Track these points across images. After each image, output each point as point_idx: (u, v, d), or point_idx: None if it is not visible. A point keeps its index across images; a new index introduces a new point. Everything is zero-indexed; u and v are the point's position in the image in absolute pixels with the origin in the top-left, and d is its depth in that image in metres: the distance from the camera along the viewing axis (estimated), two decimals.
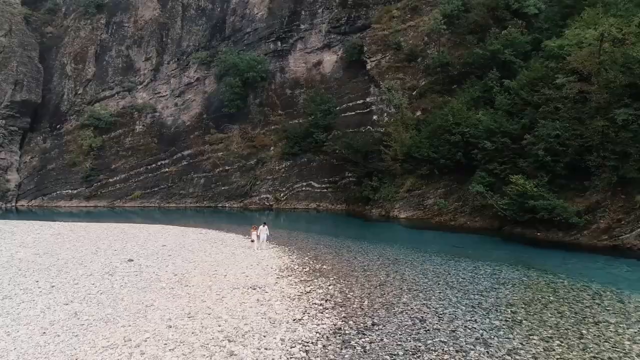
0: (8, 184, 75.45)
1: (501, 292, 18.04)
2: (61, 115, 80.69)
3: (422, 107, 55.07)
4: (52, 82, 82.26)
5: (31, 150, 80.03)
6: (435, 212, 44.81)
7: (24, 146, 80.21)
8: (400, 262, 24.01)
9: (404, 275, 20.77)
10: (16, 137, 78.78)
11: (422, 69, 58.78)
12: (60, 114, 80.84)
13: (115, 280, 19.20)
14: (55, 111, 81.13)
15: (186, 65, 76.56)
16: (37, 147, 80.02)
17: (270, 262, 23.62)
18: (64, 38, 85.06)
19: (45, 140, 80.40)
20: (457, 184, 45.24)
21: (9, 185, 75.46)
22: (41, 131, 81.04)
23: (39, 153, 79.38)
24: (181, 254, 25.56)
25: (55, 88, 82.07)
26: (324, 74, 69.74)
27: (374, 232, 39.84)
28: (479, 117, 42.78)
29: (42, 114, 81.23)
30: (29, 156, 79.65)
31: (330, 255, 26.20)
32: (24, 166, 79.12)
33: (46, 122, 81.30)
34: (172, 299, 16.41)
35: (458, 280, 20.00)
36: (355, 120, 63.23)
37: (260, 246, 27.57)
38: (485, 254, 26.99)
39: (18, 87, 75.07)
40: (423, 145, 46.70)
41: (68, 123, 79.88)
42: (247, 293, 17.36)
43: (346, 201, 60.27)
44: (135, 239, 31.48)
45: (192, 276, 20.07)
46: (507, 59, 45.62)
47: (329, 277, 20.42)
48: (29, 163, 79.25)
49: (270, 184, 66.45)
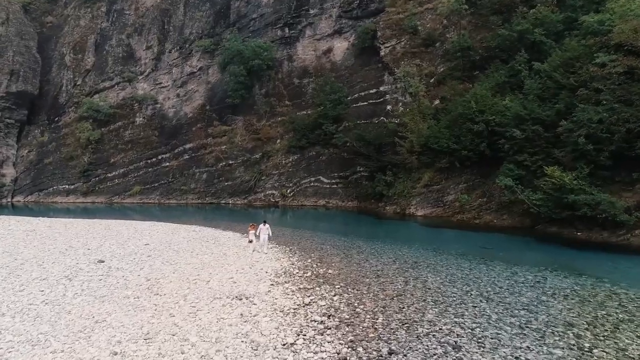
0: (3, 179, 73.22)
1: (552, 305, 14.39)
2: (59, 107, 78.34)
3: (441, 95, 51.17)
4: (50, 73, 79.99)
5: (29, 143, 77.76)
6: (456, 209, 41.04)
7: (21, 139, 78.03)
8: (420, 266, 20.41)
9: (427, 283, 17.20)
10: (13, 130, 76.56)
11: (440, 55, 54.97)
12: (58, 106, 78.50)
13: (73, 286, 15.92)
14: (54, 103, 78.80)
15: (189, 54, 73.43)
16: (34, 141, 77.72)
17: (265, 265, 20.18)
18: (63, 27, 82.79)
19: (43, 134, 78.06)
20: (480, 178, 41.42)
21: (4, 180, 73.19)
22: (39, 124, 78.81)
23: (36, 147, 77.06)
24: (163, 255, 22.25)
25: (54, 79, 79.79)
26: (334, 62, 66.08)
27: (388, 231, 36.22)
28: (506, 104, 38.97)
29: (40, 106, 78.98)
30: (27, 150, 77.39)
31: (337, 257, 22.69)
32: (21, 160, 76.88)
33: (44, 115, 79.05)
34: (132, 312, 13.06)
35: (494, 289, 16.38)
36: (368, 110, 59.52)
37: (259, 248, 23.73)
38: (520, 257, 23.27)
39: (14, 77, 72.75)
40: (442, 136, 42.93)
41: (66, 115, 77.44)
42: (229, 305, 13.95)
43: (357, 198, 56.62)
44: (117, 237, 28.29)
45: (168, 282, 16.72)
46: (536, 40, 41.72)
47: (335, 284, 16.94)
48: (26, 157, 76.98)
49: (276, 180, 63.00)
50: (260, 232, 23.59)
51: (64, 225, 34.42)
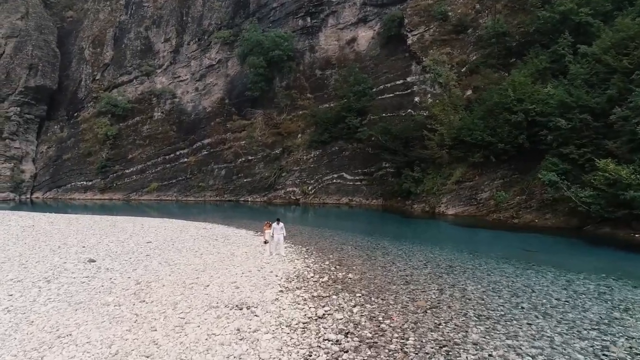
0: (22, 175, 73.17)
1: (631, 325, 11.54)
2: (78, 102, 78.06)
3: (473, 85, 47.97)
4: (70, 68, 79.80)
5: (48, 139, 77.75)
6: (491, 207, 37.88)
7: (41, 135, 78.06)
8: (456, 272, 17.70)
9: (466, 292, 14.51)
10: (33, 125, 76.59)
11: (472, 42, 51.72)
12: (77, 101, 78.22)
13: (48, 289, 13.88)
14: (73, 98, 78.57)
15: (207, 46, 71.83)
16: (54, 137, 77.71)
17: (276, 268, 17.79)
18: (83, 22, 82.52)
19: (62, 129, 77.98)
20: (518, 174, 38.18)
21: (23, 176, 73.15)
22: (58, 119, 78.74)
23: (55, 142, 77.00)
24: (163, 254, 20.13)
25: (74, 74, 79.54)
26: (358, 52, 63.39)
27: (417, 231, 33.40)
28: (548, 91, 35.66)
29: (60, 101, 78.87)
30: (46, 146, 77.39)
31: (359, 259, 20.14)
32: (41, 156, 76.94)
33: (63, 110, 78.91)
34: (106, 324, 10.86)
35: (550, 301, 13.58)
36: (394, 102, 56.61)
37: (275, 250, 20.91)
38: (572, 261, 20.29)
39: (32, 72, 72.54)
40: (476, 128, 39.88)
41: (85, 111, 77.07)
42: (226, 316, 11.62)
43: (383, 195, 53.80)
44: (119, 234, 26.43)
45: (160, 286, 14.51)
46: (582, 20, 38.20)
47: (355, 292, 14.41)
48: (46, 153, 76.99)
49: (297, 176, 60.66)
50: (274, 231, 20.86)
51: (68, 221, 32.88)
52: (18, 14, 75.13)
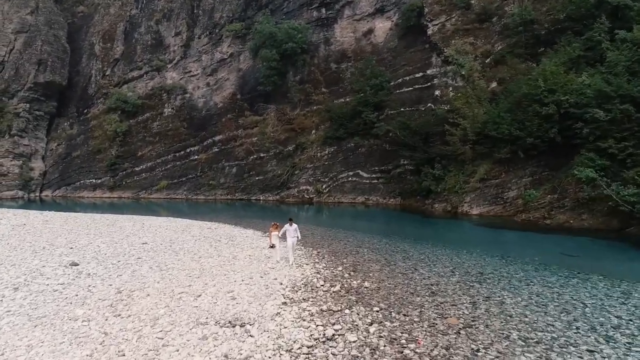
0: (32, 173, 72.51)
1: None
2: (88, 99, 77.30)
3: (499, 76, 45.35)
4: (80, 64, 79.19)
5: (58, 136, 77.16)
6: (519, 207, 35.29)
7: (51, 132, 77.49)
8: (490, 280, 15.44)
9: (505, 307, 12.27)
10: (42, 122, 76.04)
11: (497, 31, 48.99)
12: (87, 97, 77.49)
13: (12, 299, 12.03)
14: (83, 95, 77.87)
15: (219, 40, 70.19)
16: (63, 134, 77.08)
17: (281, 274, 15.75)
18: (94, 17, 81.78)
19: (72, 126, 77.29)
20: (548, 170, 35.52)
21: (32, 173, 72.49)
22: (69, 116, 78.14)
23: (65, 140, 76.35)
24: (157, 257, 18.25)
25: (84, 70, 78.88)
26: (375, 44, 61.03)
27: (439, 233, 31.06)
28: (583, 80, 33.00)
29: (70, 98, 78.27)
30: (56, 143, 76.81)
31: (377, 265, 17.98)
32: (50, 154, 76.35)
33: (73, 107, 78.31)
34: (65, 346, 8.92)
35: (609, 320, 11.29)
36: (413, 96, 54.14)
37: (287, 256, 18.11)
38: (621, 269, 17.90)
39: (42, 67, 71.86)
40: (503, 121, 37.33)
41: (95, 107, 76.29)
42: (214, 337, 9.60)
43: (401, 194, 51.30)
44: (115, 234, 24.69)
45: (143, 295, 12.59)
46: (620, 3, 35.40)
47: (372, 304, 12.30)
48: (55, 150, 76.37)
49: (311, 174, 58.54)
50: (287, 233, 17.92)
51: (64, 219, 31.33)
52: (28, 8, 74.55)
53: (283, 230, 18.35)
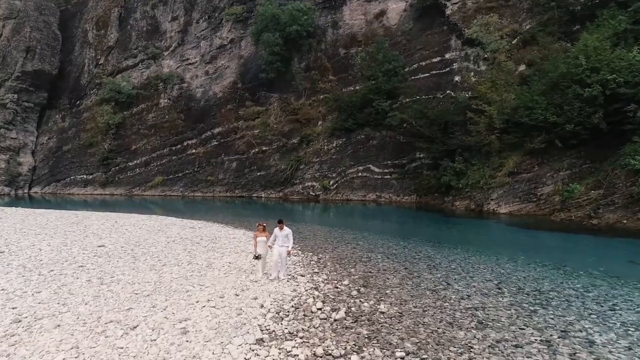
0: (20, 168, 69.26)
1: None
2: (81, 89, 73.94)
3: (528, 58, 41.07)
4: (73, 53, 75.88)
5: (49, 129, 73.92)
6: (556, 204, 31.04)
7: (42, 125, 74.23)
8: (554, 302, 11.28)
9: (597, 351, 8.14)
10: (32, 114, 72.77)
11: (526, 8, 44.79)
12: (80, 88, 74.13)
13: None
14: (76, 85, 74.54)
15: (218, 24, 66.33)
16: (55, 127, 73.82)
17: (264, 291, 11.72)
18: (88, 3, 78.37)
19: (64, 119, 74.04)
20: (590, 162, 31.24)
21: (20, 169, 69.24)
22: (60, 108, 74.84)
23: (56, 133, 73.12)
24: (106, 265, 14.32)
25: (77, 59, 75.63)
26: (388, 27, 56.78)
27: (466, 235, 26.80)
28: (634, 56, 28.69)
29: (62, 88, 74.94)
30: (46, 136, 73.59)
31: (395, 277, 13.88)
32: (41, 148, 73.07)
33: (66, 98, 74.98)
34: None
35: None
36: (430, 83, 49.89)
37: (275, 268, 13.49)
38: None
39: (30, 54, 68.47)
40: (537, 106, 33.12)
41: (88, 98, 72.96)
42: None
43: (417, 191, 47.03)
44: (74, 234, 20.85)
45: (51, 327, 8.63)
46: None
47: (393, 344, 8.23)
48: (46, 144, 73.16)
49: (317, 169, 54.44)
50: (276, 240, 13.43)
51: (24, 216, 27.54)
52: None
53: (273, 236, 13.55)
